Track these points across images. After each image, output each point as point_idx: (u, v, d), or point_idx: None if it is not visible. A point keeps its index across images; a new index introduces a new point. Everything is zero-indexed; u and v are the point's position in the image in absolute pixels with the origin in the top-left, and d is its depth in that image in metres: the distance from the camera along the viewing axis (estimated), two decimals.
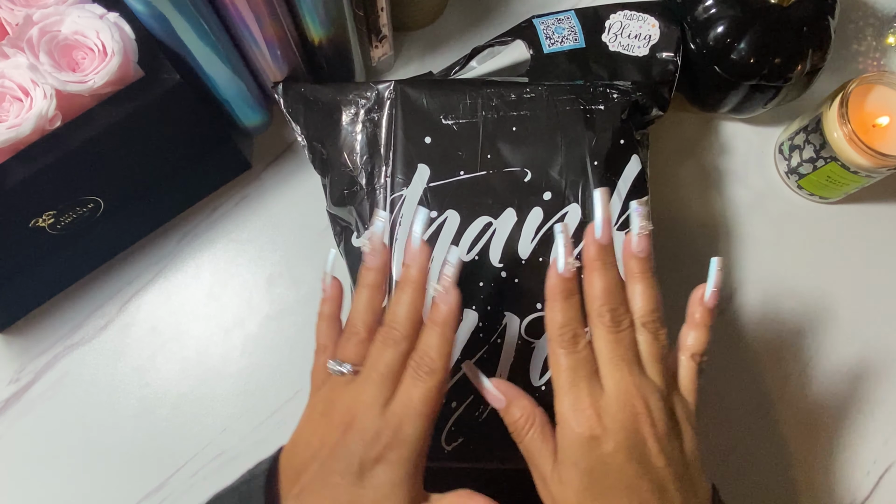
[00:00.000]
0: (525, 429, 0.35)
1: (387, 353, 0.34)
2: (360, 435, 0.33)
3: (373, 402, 0.33)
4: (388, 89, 0.47)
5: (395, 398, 0.34)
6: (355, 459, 0.32)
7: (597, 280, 0.36)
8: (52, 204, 0.45)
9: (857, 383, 0.54)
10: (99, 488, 0.51)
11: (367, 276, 0.37)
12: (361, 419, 0.33)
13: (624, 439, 0.33)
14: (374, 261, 0.37)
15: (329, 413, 0.35)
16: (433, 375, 0.34)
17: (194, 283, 0.55)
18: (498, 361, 0.42)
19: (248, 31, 0.46)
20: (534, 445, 0.35)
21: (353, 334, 0.36)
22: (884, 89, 0.51)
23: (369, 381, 0.34)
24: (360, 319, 0.36)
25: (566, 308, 0.36)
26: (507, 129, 0.45)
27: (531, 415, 0.36)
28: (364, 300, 0.37)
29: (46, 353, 0.54)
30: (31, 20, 0.40)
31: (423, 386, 0.33)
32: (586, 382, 0.34)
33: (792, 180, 0.57)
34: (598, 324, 0.36)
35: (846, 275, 0.56)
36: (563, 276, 0.36)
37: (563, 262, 0.36)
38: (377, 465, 0.32)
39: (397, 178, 0.44)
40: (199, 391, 0.53)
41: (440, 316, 0.34)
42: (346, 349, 0.36)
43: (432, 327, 0.34)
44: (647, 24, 0.52)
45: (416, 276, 0.35)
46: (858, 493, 0.52)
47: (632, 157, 0.46)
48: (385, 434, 0.33)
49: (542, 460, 0.35)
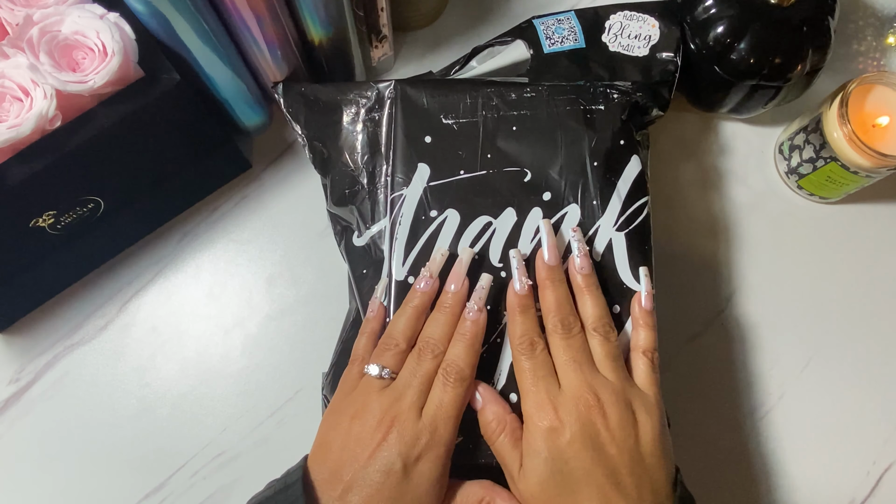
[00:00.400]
0: (496, 432, 0.39)
1: (426, 364, 0.39)
2: (402, 437, 0.37)
3: (412, 407, 0.38)
4: (389, 89, 0.47)
5: (429, 403, 0.38)
6: (399, 459, 0.36)
7: (549, 295, 0.41)
8: (52, 204, 0.45)
9: (857, 383, 0.54)
10: (99, 488, 0.51)
11: (416, 298, 0.41)
12: (403, 422, 0.37)
13: (579, 430, 0.37)
14: (427, 287, 0.41)
15: (363, 415, 0.38)
16: (462, 382, 0.39)
17: (194, 283, 0.55)
18: (497, 361, 0.42)
19: (248, 31, 0.46)
20: (504, 448, 0.39)
21: (394, 346, 0.40)
22: (884, 89, 0.51)
23: (410, 388, 0.38)
24: (401, 334, 0.40)
25: (523, 320, 0.41)
26: (508, 129, 0.45)
27: (502, 420, 0.39)
28: (407, 318, 0.41)
29: (46, 353, 0.54)
30: (32, 20, 0.40)
31: (452, 392, 0.38)
32: (544, 382, 0.39)
33: (792, 180, 0.57)
34: (552, 332, 0.40)
35: (846, 275, 0.56)
36: (518, 294, 0.41)
37: (519, 283, 0.41)
38: (419, 462, 0.36)
39: (397, 177, 0.44)
40: (199, 391, 0.53)
41: (470, 331, 0.40)
42: (386, 357, 0.40)
43: (462, 339, 0.40)
44: (647, 25, 0.52)
45: (454, 304, 0.41)
46: (858, 493, 0.52)
47: (632, 158, 0.46)
48: (424, 435, 0.37)
49: (511, 461, 0.38)
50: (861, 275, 0.56)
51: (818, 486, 0.51)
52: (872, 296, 0.56)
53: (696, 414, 0.52)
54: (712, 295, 0.55)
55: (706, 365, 0.54)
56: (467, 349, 0.39)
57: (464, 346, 0.39)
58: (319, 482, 0.37)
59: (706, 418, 0.52)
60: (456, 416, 0.38)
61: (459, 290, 0.41)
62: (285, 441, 0.52)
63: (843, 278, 0.56)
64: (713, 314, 0.55)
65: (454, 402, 0.38)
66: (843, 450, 0.52)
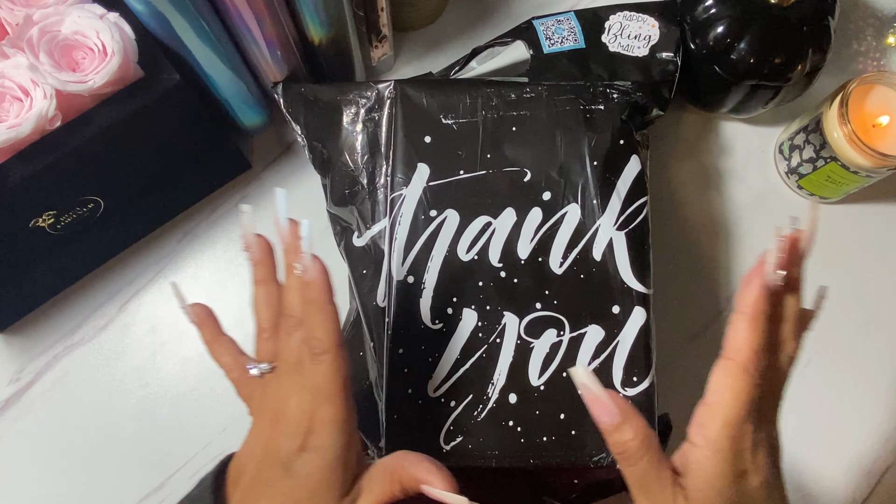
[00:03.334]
0: (639, 452, 0.32)
1: (290, 342, 0.34)
2: (283, 427, 0.33)
3: (289, 393, 0.33)
4: (389, 89, 0.47)
5: (303, 385, 0.33)
6: (283, 452, 0.32)
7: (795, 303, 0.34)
8: (52, 204, 0.45)
9: (857, 383, 0.54)
10: (99, 488, 0.51)
11: (256, 271, 0.37)
12: (282, 412, 0.33)
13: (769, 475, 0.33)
14: (256, 255, 0.37)
15: (261, 413, 0.35)
16: (327, 354, 0.32)
17: (194, 283, 0.55)
18: (497, 361, 0.42)
19: (248, 31, 0.46)
20: (651, 474, 0.32)
21: (261, 332, 0.37)
22: (884, 89, 0.51)
23: (284, 374, 0.34)
24: (262, 316, 0.37)
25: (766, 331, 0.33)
26: (507, 129, 0.45)
27: (646, 439, 0.32)
28: (260, 297, 0.37)
29: (46, 353, 0.54)
30: (31, 20, 0.40)
31: (320, 368, 0.32)
32: (752, 418, 0.32)
33: (792, 180, 0.57)
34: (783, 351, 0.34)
35: (846, 275, 0.56)
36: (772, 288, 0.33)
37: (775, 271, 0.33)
38: (302, 453, 0.32)
39: (397, 177, 0.44)
40: (199, 391, 0.53)
41: (312, 293, 0.33)
42: (260, 349, 0.37)
43: (309, 307, 0.33)
44: (647, 25, 0.52)
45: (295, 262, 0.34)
46: (858, 493, 0.51)
47: (631, 158, 0.46)
48: (303, 422, 0.32)
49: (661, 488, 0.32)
50: (861, 275, 0.56)
51: (818, 486, 0.51)
52: (872, 296, 0.56)
53: None
54: (712, 295, 0.55)
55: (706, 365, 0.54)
56: (319, 314, 0.32)
57: (314, 313, 0.33)
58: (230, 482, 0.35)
59: None
60: (333, 393, 0.32)
61: (291, 242, 0.34)
62: None
63: (843, 278, 0.56)
64: (713, 314, 0.55)
65: (326, 377, 0.32)
66: (843, 449, 0.52)
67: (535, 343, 0.43)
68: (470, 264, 0.44)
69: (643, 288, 0.43)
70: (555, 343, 0.43)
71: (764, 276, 0.33)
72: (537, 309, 0.43)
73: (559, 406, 0.43)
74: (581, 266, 0.44)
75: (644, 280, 0.44)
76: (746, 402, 0.32)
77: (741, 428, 0.32)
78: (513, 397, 0.41)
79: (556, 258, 0.44)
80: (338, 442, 0.32)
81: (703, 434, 0.32)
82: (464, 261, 0.44)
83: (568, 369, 0.37)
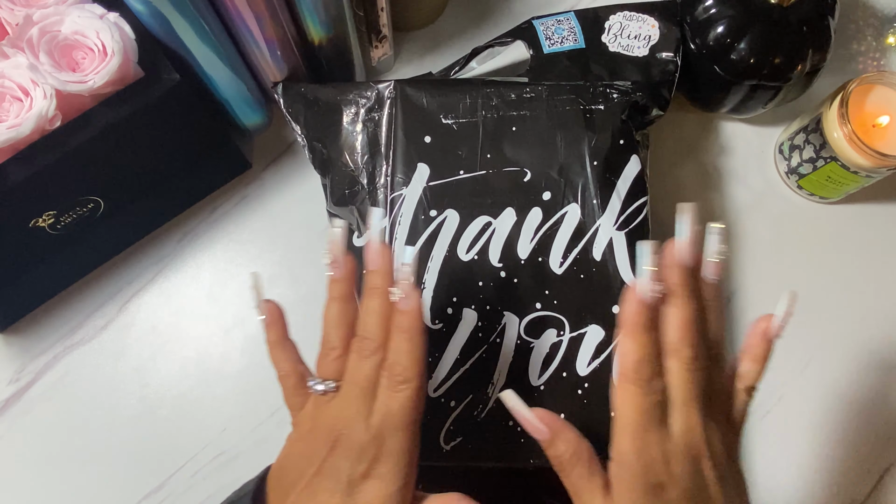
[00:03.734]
0: (571, 463, 0.33)
1: (363, 365, 0.33)
2: (346, 451, 0.32)
3: (355, 417, 0.33)
4: (389, 89, 0.47)
5: (374, 412, 0.33)
6: (343, 476, 0.32)
7: (682, 309, 0.33)
8: (52, 204, 0.45)
9: (857, 383, 0.54)
10: (99, 488, 0.51)
11: (334, 287, 0.36)
12: (347, 435, 0.33)
13: (689, 486, 0.32)
14: (339, 271, 0.36)
15: (315, 431, 0.34)
16: (408, 384, 0.32)
17: (194, 284, 0.55)
18: (497, 361, 0.42)
19: (248, 31, 0.46)
20: (582, 482, 0.33)
21: (330, 350, 0.35)
22: (884, 89, 0.51)
23: (350, 397, 0.33)
24: (334, 334, 0.35)
25: (646, 342, 0.33)
26: (507, 129, 0.45)
27: (578, 449, 0.33)
28: (334, 313, 0.36)
29: (46, 353, 0.54)
30: (31, 20, 0.40)
31: (398, 396, 0.32)
32: (657, 426, 0.32)
33: (792, 180, 0.57)
34: (675, 359, 0.33)
35: (846, 275, 0.56)
36: (646, 303, 0.33)
37: (647, 288, 0.33)
38: (366, 480, 0.32)
39: (397, 177, 0.44)
40: (199, 391, 0.53)
41: (404, 321, 0.33)
42: (325, 366, 0.35)
43: (398, 334, 0.33)
44: (647, 25, 0.52)
45: (380, 283, 0.34)
46: (858, 493, 0.51)
47: (631, 158, 0.46)
48: (370, 449, 0.32)
49: (591, 496, 0.33)
50: (861, 275, 0.56)
51: (818, 486, 0.51)
52: (873, 295, 0.56)
53: None
54: None
55: None
56: (407, 343, 0.33)
57: (402, 340, 0.33)
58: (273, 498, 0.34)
59: None
60: (408, 424, 0.32)
61: (381, 265, 0.35)
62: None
63: (843, 278, 0.56)
64: None
65: (402, 407, 0.32)
66: (843, 450, 0.52)
67: (535, 343, 0.43)
68: (470, 264, 0.44)
69: None
70: (555, 343, 0.43)
71: (638, 292, 0.33)
72: (537, 309, 0.43)
73: (559, 406, 0.43)
74: (581, 266, 0.44)
75: None
76: (641, 413, 0.32)
77: (644, 439, 0.32)
78: None
79: (556, 258, 0.44)
80: (403, 472, 0.32)
81: (614, 449, 0.33)
82: (464, 261, 0.44)
83: (499, 394, 0.36)
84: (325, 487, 0.32)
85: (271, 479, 0.35)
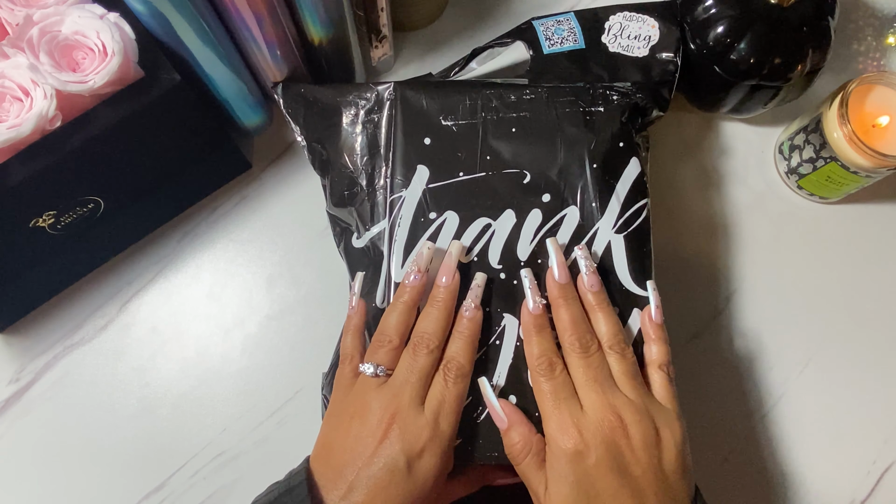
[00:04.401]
0: (522, 453, 0.38)
1: (422, 359, 0.39)
2: (403, 432, 0.37)
3: (412, 403, 0.38)
4: (388, 90, 0.47)
5: (430, 398, 0.38)
6: (402, 454, 0.36)
7: (563, 314, 0.40)
8: (52, 204, 0.45)
9: (857, 383, 0.54)
10: (99, 488, 0.51)
11: (405, 293, 0.41)
12: (403, 418, 0.37)
13: (604, 452, 0.36)
14: (416, 282, 0.41)
15: (363, 414, 0.38)
16: (464, 379, 0.39)
17: (194, 283, 0.55)
18: (497, 363, 0.42)
19: (248, 31, 0.46)
20: (529, 470, 0.38)
21: (386, 342, 0.40)
22: (884, 89, 0.51)
23: (408, 384, 0.38)
24: (393, 330, 0.40)
25: (540, 340, 0.40)
26: (507, 131, 0.45)
27: (528, 441, 0.39)
28: (398, 313, 0.41)
29: (46, 353, 0.54)
30: (32, 20, 0.40)
31: (455, 388, 0.39)
32: (567, 404, 0.38)
33: (792, 180, 0.57)
34: (569, 351, 0.40)
35: (846, 275, 0.56)
36: (533, 314, 0.41)
37: (532, 302, 0.41)
38: (422, 457, 0.37)
39: (396, 179, 0.44)
40: (199, 391, 0.53)
41: (468, 328, 0.40)
42: (380, 355, 0.40)
43: (461, 337, 0.40)
44: (647, 25, 0.52)
45: (446, 298, 0.40)
46: (858, 493, 0.52)
47: (631, 160, 0.46)
48: (426, 431, 0.37)
49: (537, 483, 0.38)
50: (861, 275, 0.56)
51: (818, 486, 0.51)
52: (872, 296, 0.56)
53: (696, 414, 0.52)
54: (712, 295, 0.55)
55: (706, 365, 0.54)
56: (467, 345, 0.40)
57: (463, 343, 0.40)
58: (323, 482, 0.37)
59: (706, 418, 0.52)
60: (458, 412, 0.39)
61: (451, 283, 0.41)
62: (285, 441, 0.52)
63: (843, 278, 0.56)
64: (713, 314, 0.55)
65: (457, 398, 0.39)
66: (843, 450, 0.52)
67: None
68: (469, 266, 0.44)
69: (641, 291, 0.43)
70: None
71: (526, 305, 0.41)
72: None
73: None
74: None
75: (642, 283, 0.44)
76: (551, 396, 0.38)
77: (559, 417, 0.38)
78: (512, 398, 0.42)
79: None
80: (450, 451, 0.38)
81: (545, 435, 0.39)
82: (463, 262, 0.44)
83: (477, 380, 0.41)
84: (384, 465, 0.36)
85: (316, 463, 0.39)
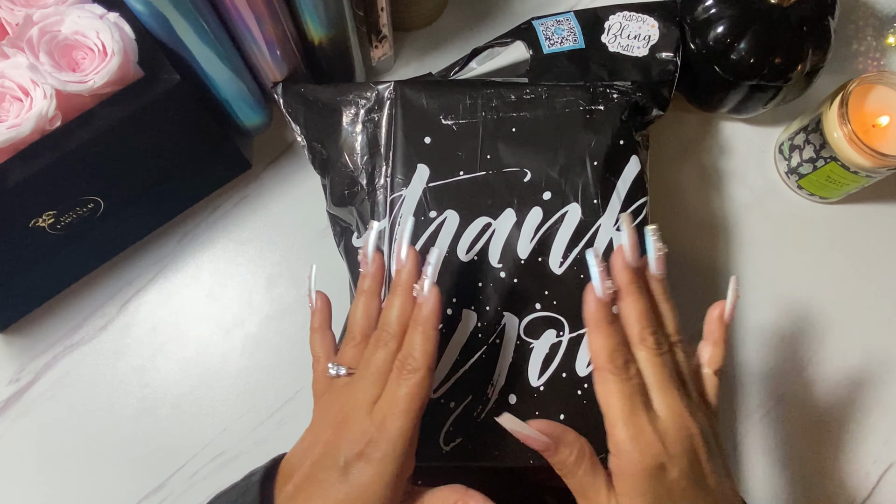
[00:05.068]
0: (576, 466, 0.34)
1: (378, 353, 0.35)
2: (347, 433, 0.34)
3: (363, 401, 0.34)
4: (388, 89, 0.47)
5: (382, 397, 0.34)
6: (341, 456, 0.33)
7: (635, 304, 0.36)
8: (52, 204, 0.45)
9: (857, 383, 0.54)
10: (99, 488, 0.51)
11: (363, 282, 0.39)
12: (351, 418, 0.34)
13: (687, 464, 0.33)
14: (369, 268, 0.38)
15: (325, 416, 0.36)
16: (416, 373, 0.34)
17: (194, 283, 0.55)
18: (496, 362, 0.42)
19: (248, 31, 0.46)
20: (587, 480, 0.34)
21: (350, 339, 0.38)
22: (884, 89, 0.51)
23: (361, 381, 0.35)
24: (356, 325, 0.38)
25: (613, 333, 0.35)
26: (507, 130, 0.45)
27: (581, 450, 0.34)
28: (361, 306, 0.38)
29: (46, 353, 0.54)
30: (31, 20, 0.40)
31: (406, 384, 0.34)
32: (644, 410, 0.34)
33: (792, 180, 0.57)
34: (641, 347, 0.35)
35: (846, 275, 0.56)
36: (603, 301, 0.35)
37: (601, 287, 0.35)
38: (359, 461, 0.33)
39: (397, 178, 0.44)
40: (199, 391, 0.53)
41: (421, 316, 0.35)
42: (345, 353, 0.38)
43: (415, 327, 0.35)
44: (647, 25, 0.52)
45: (405, 281, 0.36)
46: (858, 493, 0.52)
47: (631, 158, 0.46)
48: (369, 431, 0.33)
49: (596, 492, 0.34)
50: (861, 275, 0.56)
51: (818, 487, 0.51)
52: (872, 296, 0.56)
53: None
54: (712, 295, 0.55)
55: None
56: (421, 336, 0.35)
57: (417, 334, 0.35)
58: (280, 478, 0.36)
59: None
60: (410, 411, 0.34)
61: (408, 265, 0.36)
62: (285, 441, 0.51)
63: (843, 278, 0.56)
64: None
65: (407, 394, 0.34)
66: (843, 450, 0.52)
67: (535, 343, 0.43)
68: (469, 265, 0.44)
69: None
70: (554, 343, 0.43)
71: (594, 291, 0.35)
72: (537, 309, 0.43)
73: (558, 407, 0.43)
74: (581, 266, 0.44)
75: None
76: (626, 400, 0.34)
77: (635, 424, 0.33)
78: (512, 398, 0.42)
79: (556, 258, 0.44)
80: (398, 459, 0.33)
81: (611, 441, 0.34)
82: (463, 261, 0.44)
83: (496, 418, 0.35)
84: (325, 466, 0.33)
85: (284, 460, 0.37)
